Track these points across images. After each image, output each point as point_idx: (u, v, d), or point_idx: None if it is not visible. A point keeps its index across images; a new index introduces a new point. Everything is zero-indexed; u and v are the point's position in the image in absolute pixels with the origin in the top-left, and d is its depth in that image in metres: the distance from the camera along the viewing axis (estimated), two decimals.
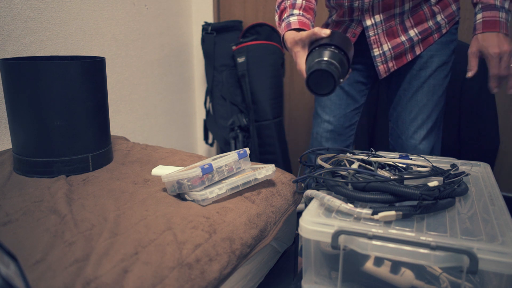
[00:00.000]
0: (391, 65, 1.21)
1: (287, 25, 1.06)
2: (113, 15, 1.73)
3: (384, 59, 1.21)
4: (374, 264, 0.72)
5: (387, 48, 1.19)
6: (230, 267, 0.81)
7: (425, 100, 1.23)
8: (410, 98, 1.24)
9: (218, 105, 2.12)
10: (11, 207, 0.90)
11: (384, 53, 1.20)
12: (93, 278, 0.65)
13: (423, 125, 1.25)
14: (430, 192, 0.73)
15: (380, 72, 1.23)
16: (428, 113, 1.24)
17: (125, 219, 0.85)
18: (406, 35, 1.18)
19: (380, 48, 1.20)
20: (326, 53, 0.85)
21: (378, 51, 1.20)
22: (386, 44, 1.19)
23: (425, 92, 1.23)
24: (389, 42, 1.19)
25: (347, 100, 1.33)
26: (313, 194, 0.80)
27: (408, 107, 1.25)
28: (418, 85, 1.23)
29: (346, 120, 1.35)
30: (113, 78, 1.77)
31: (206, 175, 0.94)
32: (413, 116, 1.25)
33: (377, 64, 1.22)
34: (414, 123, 1.25)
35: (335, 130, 1.35)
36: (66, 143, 1.09)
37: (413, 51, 1.20)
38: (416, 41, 1.18)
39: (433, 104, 1.24)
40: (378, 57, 1.21)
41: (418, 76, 1.22)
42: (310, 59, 0.87)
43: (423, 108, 1.24)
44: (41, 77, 1.04)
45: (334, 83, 0.81)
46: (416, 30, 1.18)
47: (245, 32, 2.10)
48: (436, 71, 1.21)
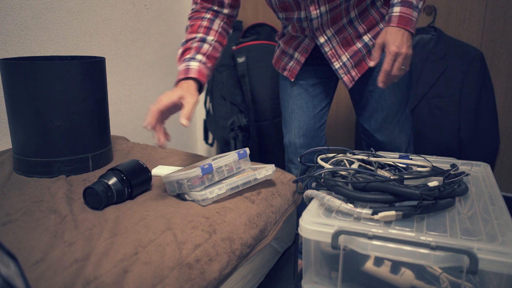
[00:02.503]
0: (354, 74, 1.23)
1: (185, 70, 1.03)
2: (113, 15, 1.73)
3: (346, 70, 1.22)
4: (374, 264, 0.72)
5: (346, 58, 1.21)
6: (230, 267, 0.81)
7: (393, 97, 1.26)
8: (379, 98, 1.27)
9: (218, 105, 2.12)
10: (11, 207, 0.90)
11: (344, 64, 1.22)
12: (93, 278, 0.65)
13: (397, 120, 1.29)
14: (430, 192, 0.73)
15: (346, 82, 1.24)
16: (398, 108, 1.28)
17: (125, 219, 0.85)
18: (361, 41, 1.20)
19: (339, 61, 1.22)
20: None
21: (338, 64, 1.22)
22: (344, 55, 1.21)
23: (390, 90, 1.25)
24: (346, 52, 1.20)
25: (314, 101, 1.34)
26: (313, 194, 0.80)
27: (378, 107, 1.28)
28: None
29: (315, 121, 1.36)
30: (113, 78, 1.77)
31: (206, 175, 0.94)
32: (385, 114, 1.28)
33: (341, 76, 1.24)
34: (387, 119, 1.29)
35: (306, 133, 1.36)
36: (66, 143, 1.09)
37: (370, 54, 1.21)
38: (371, 45, 1.20)
39: (401, 98, 1.27)
40: (340, 69, 1.23)
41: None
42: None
43: (393, 105, 1.27)
44: (41, 77, 1.04)
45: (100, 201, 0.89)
46: (369, 35, 1.20)
47: (245, 32, 2.10)
48: None
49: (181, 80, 1.03)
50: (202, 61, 1.07)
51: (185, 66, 1.05)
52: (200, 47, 1.09)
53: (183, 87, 1.00)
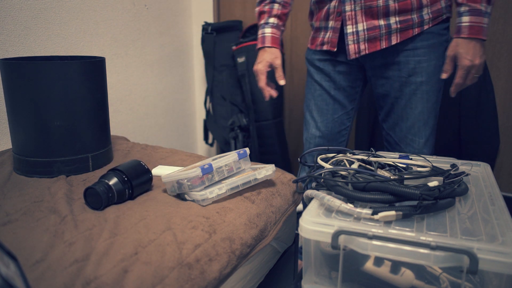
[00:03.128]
0: (363, 48, 1.16)
1: (261, 39, 1.28)
2: (113, 15, 1.73)
3: (356, 38, 1.16)
4: (374, 264, 0.72)
5: (362, 28, 1.14)
6: (230, 267, 0.81)
7: (420, 107, 1.19)
8: (405, 106, 1.20)
9: (218, 105, 2.12)
10: (11, 207, 0.90)
11: (357, 32, 1.15)
12: (93, 278, 0.65)
13: (421, 132, 1.21)
14: (430, 192, 0.73)
15: (350, 51, 1.17)
16: (425, 120, 1.20)
17: (125, 219, 0.85)
18: (385, 20, 1.12)
19: (354, 26, 1.15)
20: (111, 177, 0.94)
21: (351, 29, 1.15)
22: (361, 24, 1.14)
23: (419, 99, 1.18)
24: (366, 23, 1.13)
25: (334, 105, 1.30)
26: (313, 194, 0.80)
27: (404, 115, 1.21)
28: (410, 92, 1.18)
29: (334, 126, 1.32)
30: (113, 78, 1.77)
31: (206, 175, 0.94)
32: (410, 124, 1.21)
33: (347, 43, 1.17)
34: (412, 130, 1.21)
35: (323, 136, 1.33)
36: (66, 143, 1.09)
37: (389, 39, 1.14)
38: (394, 29, 1.12)
39: (429, 110, 1.20)
40: (350, 35, 1.16)
41: (408, 83, 1.17)
42: None
43: (420, 116, 1.20)
44: (41, 77, 1.04)
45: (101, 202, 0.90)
46: (397, 18, 1.12)
47: (245, 32, 2.10)
48: (428, 77, 1.16)
49: (261, 49, 1.28)
50: (275, 24, 1.26)
51: (261, 34, 1.27)
52: (272, 8, 1.27)
53: (267, 54, 1.26)
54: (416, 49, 1.14)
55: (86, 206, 0.91)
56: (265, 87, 1.25)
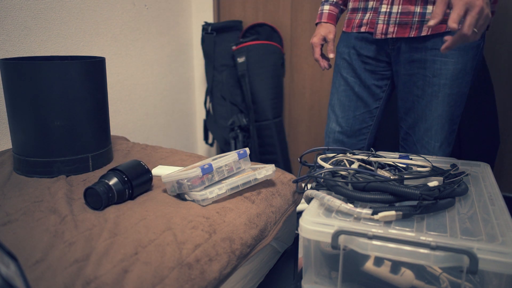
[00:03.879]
0: (391, 30, 1.14)
1: (319, 15, 1.32)
2: (113, 15, 1.73)
3: (387, 19, 1.14)
4: (374, 264, 0.72)
5: (396, 10, 1.12)
6: (230, 267, 0.81)
7: (440, 110, 1.15)
8: (425, 107, 1.17)
9: (218, 105, 2.12)
10: (11, 207, 0.90)
11: (390, 13, 1.13)
12: (93, 278, 0.65)
13: (437, 135, 1.18)
14: (430, 192, 0.73)
15: (377, 30, 1.17)
16: (443, 123, 1.17)
17: (125, 219, 0.85)
18: (422, 8, 1.09)
19: (388, 7, 1.13)
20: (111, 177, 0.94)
21: (385, 8, 1.14)
22: (397, 6, 1.11)
23: (440, 101, 1.14)
24: (401, 6, 1.11)
25: (357, 102, 1.29)
26: (313, 194, 0.80)
27: (423, 116, 1.18)
28: (432, 93, 1.14)
29: (355, 123, 1.31)
30: (113, 78, 1.77)
31: (206, 175, 0.94)
32: (428, 125, 1.18)
33: (377, 21, 1.16)
34: (429, 133, 1.19)
35: (343, 131, 1.32)
36: (66, 143, 1.09)
37: (420, 29, 1.11)
38: (427, 19, 1.08)
39: (449, 114, 1.16)
40: (382, 15, 1.14)
41: (431, 84, 1.14)
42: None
43: (438, 118, 1.16)
44: (41, 77, 1.04)
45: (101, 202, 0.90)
46: (434, 7, 1.05)
47: (245, 32, 2.10)
48: (451, 80, 1.12)
49: (318, 24, 1.32)
50: (334, 2, 1.31)
51: (320, 11, 1.32)
52: None
53: (322, 28, 1.29)
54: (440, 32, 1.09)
55: (86, 206, 0.91)
56: (319, 58, 1.27)
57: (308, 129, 2.13)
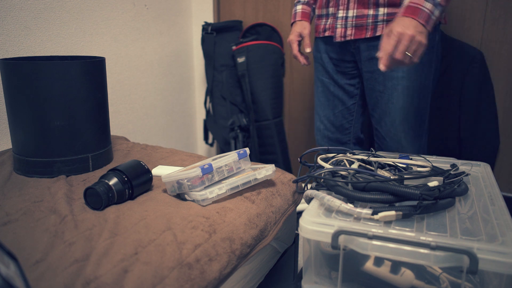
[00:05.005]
0: (349, 33, 1.23)
1: (294, 15, 1.40)
2: (113, 15, 1.73)
3: (344, 23, 1.23)
4: (374, 264, 0.72)
5: (352, 14, 1.21)
6: (230, 267, 0.81)
7: (401, 102, 1.22)
8: (388, 100, 1.23)
9: (218, 105, 2.12)
10: (11, 207, 0.90)
11: (346, 17, 1.22)
12: (93, 278, 0.65)
13: (403, 127, 1.24)
14: (430, 192, 0.73)
15: (336, 34, 1.26)
16: (406, 115, 1.23)
17: (125, 219, 0.84)
18: (375, 10, 1.18)
19: (344, 12, 1.23)
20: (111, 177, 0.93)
21: (342, 13, 1.23)
22: (352, 11, 1.21)
23: (400, 94, 1.21)
24: (356, 10, 1.20)
25: (334, 101, 1.40)
26: (313, 194, 0.80)
27: (387, 109, 1.25)
28: (392, 87, 1.21)
29: (336, 119, 1.42)
30: (113, 78, 1.77)
31: (206, 175, 0.94)
32: (392, 118, 1.25)
33: (336, 26, 1.26)
34: (394, 125, 1.25)
35: (327, 128, 1.44)
36: (66, 143, 1.09)
37: (374, 29, 1.19)
38: (380, 20, 1.18)
39: (411, 106, 1.22)
40: (340, 19, 1.24)
41: (390, 77, 1.21)
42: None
43: (401, 111, 1.23)
44: (41, 77, 1.04)
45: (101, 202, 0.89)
46: (386, 10, 1.17)
47: (245, 32, 2.10)
48: (408, 72, 1.18)
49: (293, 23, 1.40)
50: (306, 1, 1.40)
51: (294, 12, 1.41)
52: None
53: (297, 26, 1.37)
54: None
55: (86, 206, 0.91)
56: (298, 54, 1.36)
57: (308, 129, 2.13)
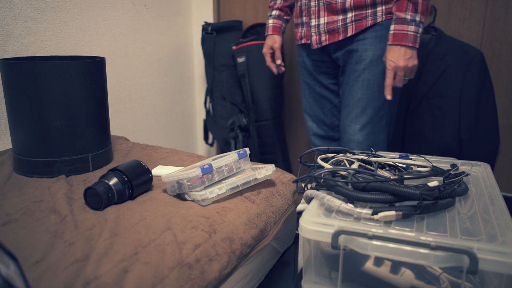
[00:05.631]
0: (324, 39, 1.30)
1: (267, 28, 1.51)
2: (113, 15, 1.73)
3: (317, 30, 1.30)
4: (374, 264, 0.72)
5: (323, 22, 1.28)
6: (230, 267, 0.81)
7: (359, 94, 1.27)
8: (348, 92, 1.29)
9: (218, 105, 2.12)
10: (11, 207, 0.90)
11: (318, 25, 1.29)
12: (93, 278, 0.65)
13: (357, 119, 1.29)
14: (430, 192, 0.73)
15: (312, 42, 1.33)
16: (363, 107, 1.28)
17: (125, 219, 0.84)
18: (343, 15, 1.24)
19: (316, 20, 1.29)
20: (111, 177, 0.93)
21: (315, 22, 1.30)
22: (323, 18, 1.28)
23: (359, 86, 1.26)
24: (326, 17, 1.27)
25: (322, 100, 1.47)
26: (313, 194, 0.80)
27: (345, 101, 1.31)
28: (354, 79, 1.27)
29: (326, 118, 1.48)
30: (113, 78, 1.77)
31: (206, 175, 0.94)
32: (349, 110, 1.30)
33: (311, 34, 1.32)
34: (350, 116, 1.30)
35: (319, 127, 1.50)
36: (66, 143, 1.09)
37: (345, 31, 1.25)
38: (349, 22, 1.23)
39: (368, 98, 1.27)
40: (313, 28, 1.30)
41: (354, 70, 1.27)
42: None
43: (358, 103, 1.28)
44: (41, 77, 1.04)
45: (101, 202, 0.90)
46: (353, 13, 1.23)
47: (245, 32, 2.10)
48: (370, 65, 1.24)
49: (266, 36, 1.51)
50: (276, 15, 1.49)
51: (267, 25, 1.52)
52: (275, 2, 1.51)
53: (269, 39, 1.49)
54: (365, 39, 1.24)
55: (86, 206, 0.91)
56: (271, 65, 1.50)
57: None
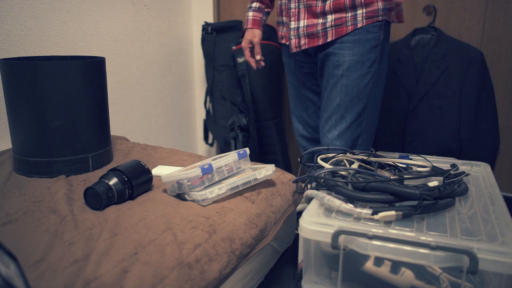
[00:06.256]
0: (303, 42, 1.26)
1: (246, 21, 1.43)
2: (113, 15, 1.73)
3: (297, 33, 1.26)
4: (374, 264, 0.72)
5: (303, 24, 1.24)
6: (230, 267, 0.81)
7: (338, 100, 1.24)
8: (327, 97, 1.27)
9: (218, 105, 2.12)
10: (11, 207, 0.90)
11: (298, 28, 1.25)
12: (93, 278, 0.65)
13: (336, 125, 1.26)
14: (430, 192, 0.73)
15: (291, 45, 1.29)
16: (341, 114, 1.24)
17: (125, 219, 0.85)
18: (323, 18, 1.21)
19: (296, 22, 1.26)
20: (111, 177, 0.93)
21: (294, 24, 1.26)
22: (303, 21, 1.24)
23: (338, 92, 1.23)
24: (306, 20, 1.24)
25: (306, 102, 1.45)
26: (313, 194, 0.80)
27: (325, 105, 1.28)
28: (332, 84, 1.24)
29: (311, 120, 1.45)
30: (113, 78, 1.77)
31: (206, 175, 0.94)
32: (328, 115, 1.28)
33: (290, 37, 1.29)
34: (329, 122, 1.28)
35: (305, 128, 1.48)
36: (66, 143, 1.09)
37: (325, 36, 1.22)
38: (329, 26, 1.20)
39: (347, 105, 1.23)
40: (292, 30, 1.27)
41: (332, 75, 1.24)
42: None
43: (337, 108, 1.25)
44: (41, 77, 1.04)
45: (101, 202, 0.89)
46: (333, 16, 1.20)
47: (245, 32, 2.10)
48: (348, 71, 1.20)
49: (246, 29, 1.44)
50: (256, 8, 1.43)
51: (246, 17, 1.44)
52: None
53: (248, 33, 1.42)
54: (343, 43, 1.21)
55: (86, 206, 0.91)
56: (250, 60, 1.43)
57: None
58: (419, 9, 1.72)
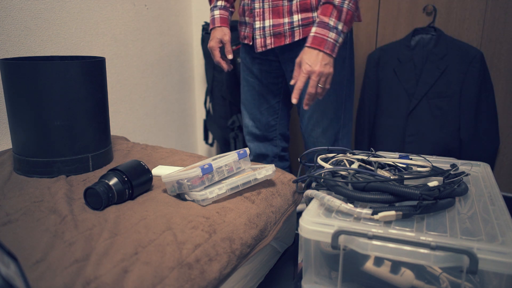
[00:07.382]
0: (269, 42, 1.26)
1: (212, 21, 1.36)
2: (113, 15, 1.73)
3: (262, 33, 1.26)
4: (374, 264, 0.72)
5: (268, 24, 1.25)
6: (230, 267, 0.81)
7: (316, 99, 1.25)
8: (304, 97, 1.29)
9: (218, 105, 2.12)
10: (11, 207, 0.90)
11: (263, 27, 1.26)
12: (93, 278, 0.65)
13: (318, 123, 1.30)
14: (430, 192, 0.73)
15: (257, 45, 1.29)
16: (323, 111, 1.28)
17: (125, 219, 0.85)
18: (290, 18, 1.22)
19: (261, 22, 1.26)
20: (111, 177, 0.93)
21: (259, 24, 1.26)
22: (268, 20, 1.25)
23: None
24: (272, 20, 1.24)
25: (260, 99, 1.45)
26: (313, 194, 0.80)
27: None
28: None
29: (262, 117, 1.47)
30: (113, 78, 1.77)
31: (206, 175, 0.94)
32: (310, 113, 1.30)
33: (255, 37, 1.29)
34: (311, 121, 1.30)
35: (255, 125, 1.49)
36: (66, 143, 1.09)
37: (292, 36, 1.23)
38: (296, 26, 1.21)
39: (326, 102, 1.27)
40: (257, 30, 1.27)
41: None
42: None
43: (316, 106, 1.28)
44: (41, 77, 1.04)
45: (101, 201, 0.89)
46: (300, 16, 1.21)
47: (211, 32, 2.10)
48: None
49: (212, 29, 1.36)
50: (222, 6, 1.36)
51: (211, 17, 1.36)
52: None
53: (217, 32, 1.33)
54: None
55: (86, 206, 0.91)
56: (220, 61, 1.34)
57: None
58: (419, 9, 1.72)
